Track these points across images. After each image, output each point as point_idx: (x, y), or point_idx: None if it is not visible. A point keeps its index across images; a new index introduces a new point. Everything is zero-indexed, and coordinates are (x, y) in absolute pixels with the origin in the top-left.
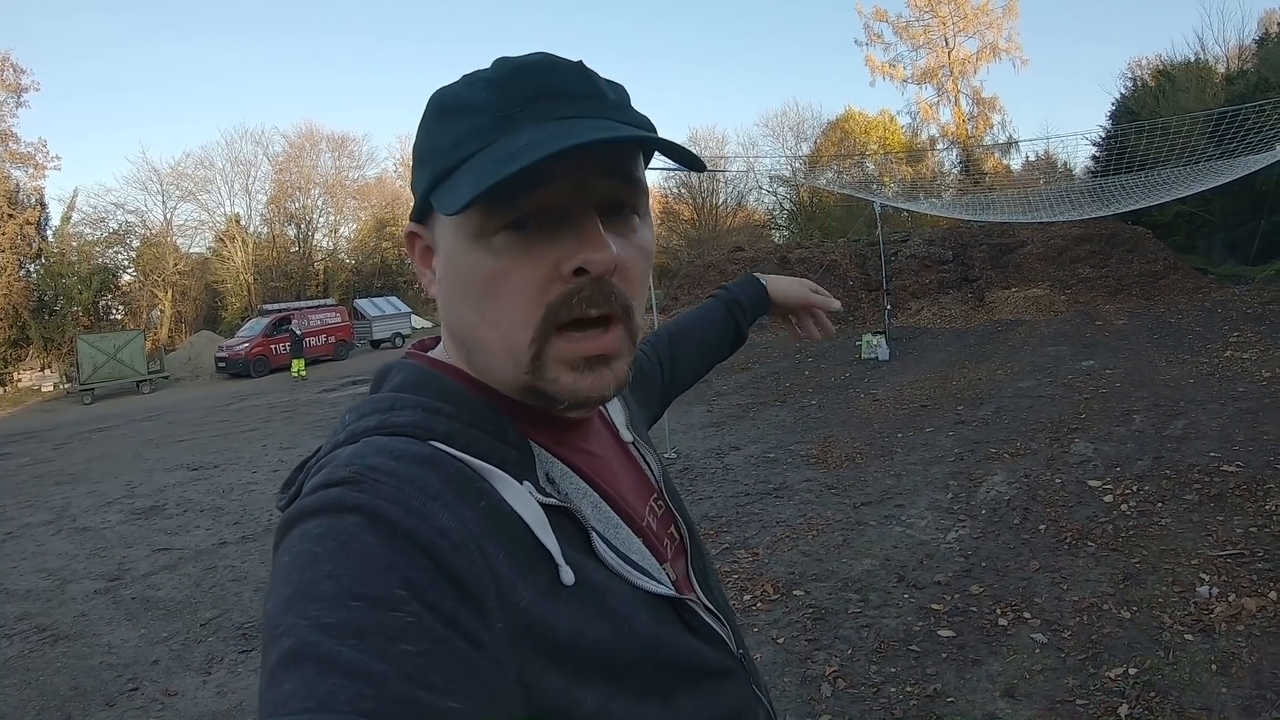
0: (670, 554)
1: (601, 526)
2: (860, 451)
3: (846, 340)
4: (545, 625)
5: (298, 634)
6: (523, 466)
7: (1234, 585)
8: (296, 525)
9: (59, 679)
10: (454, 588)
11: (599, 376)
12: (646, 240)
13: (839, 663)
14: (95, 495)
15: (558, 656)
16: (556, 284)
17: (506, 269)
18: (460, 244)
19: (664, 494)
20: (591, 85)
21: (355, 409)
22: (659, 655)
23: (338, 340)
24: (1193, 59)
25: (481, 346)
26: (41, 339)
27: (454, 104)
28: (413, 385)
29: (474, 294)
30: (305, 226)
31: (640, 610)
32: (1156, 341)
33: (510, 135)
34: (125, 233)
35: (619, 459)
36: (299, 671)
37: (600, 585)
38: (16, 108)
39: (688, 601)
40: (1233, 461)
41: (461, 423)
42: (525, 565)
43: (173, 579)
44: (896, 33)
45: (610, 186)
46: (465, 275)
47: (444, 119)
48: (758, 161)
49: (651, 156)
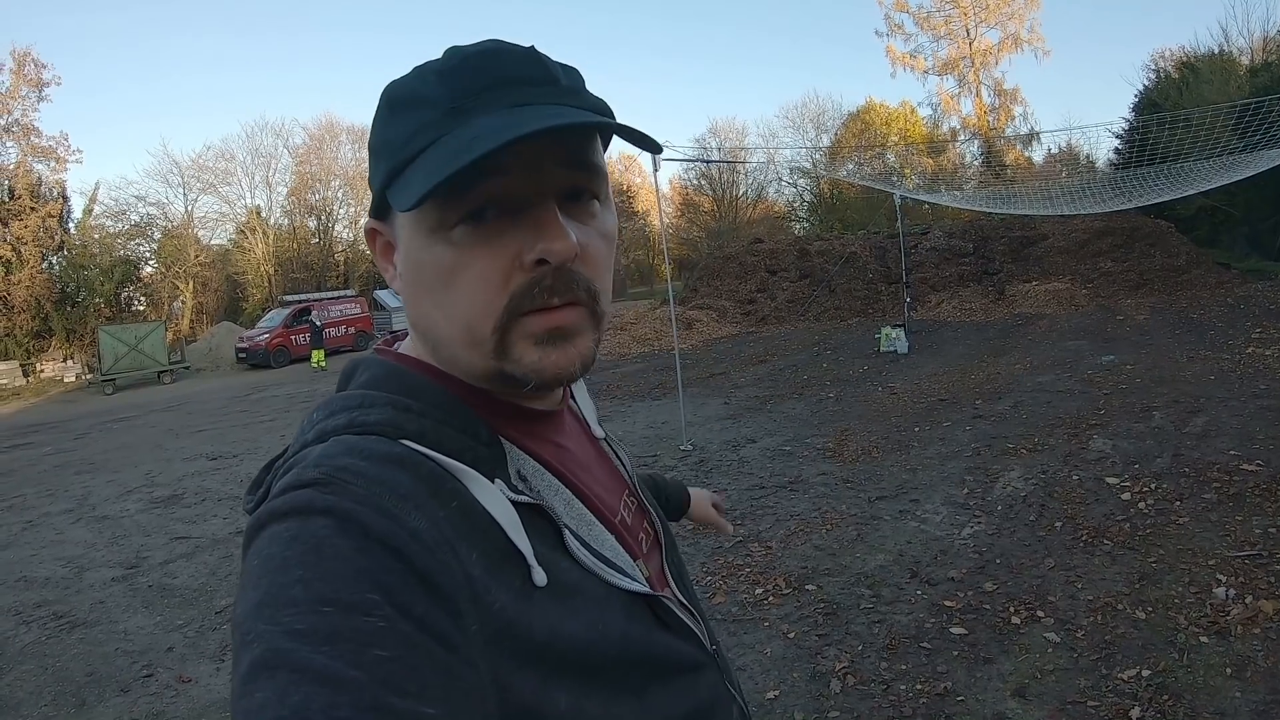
0: (645, 549)
1: (574, 524)
2: (877, 445)
3: (866, 333)
4: (520, 626)
5: (269, 640)
6: (494, 464)
7: (1251, 587)
8: (266, 528)
9: (75, 665)
10: (427, 591)
11: (563, 353)
12: (608, 225)
13: (849, 659)
14: (115, 484)
15: (532, 657)
16: (518, 274)
17: (466, 261)
18: (419, 239)
19: (636, 490)
20: (543, 70)
21: (323, 406)
22: (633, 653)
23: (357, 331)
24: (1216, 51)
25: (446, 339)
26: (64, 330)
27: (405, 97)
28: (382, 382)
29: (435, 287)
30: (325, 218)
31: (614, 608)
32: (1178, 337)
33: (462, 127)
34: (147, 225)
35: (591, 454)
36: (271, 680)
37: (574, 584)
38: (38, 102)
39: (662, 598)
40: (1253, 460)
41: (432, 420)
42: (498, 566)
43: (189, 567)
44: (917, 23)
45: (568, 174)
46: (425, 269)
47: (396, 113)
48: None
49: (610, 140)
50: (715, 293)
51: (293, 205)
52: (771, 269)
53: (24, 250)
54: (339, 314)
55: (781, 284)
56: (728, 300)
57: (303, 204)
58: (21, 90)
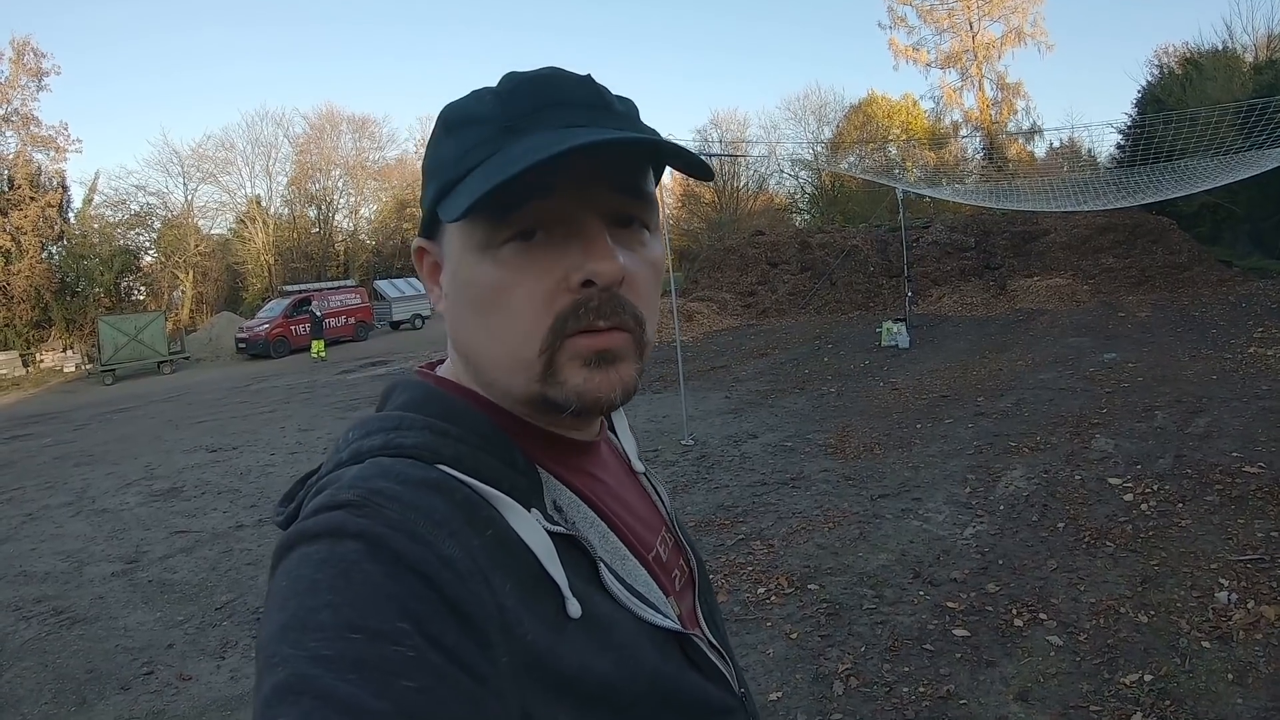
0: (678, 588)
1: (609, 557)
2: (878, 442)
3: (867, 326)
4: (550, 659)
5: (294, 665)
6: (530, 493)
7: (1253, 592)
8: (296, 548)
9: (75, 662)
10: (458, 620)
11: (606, 376)
12: (656, 255)
13: (852, 660)
14: (114, 477)
15: (562, 691)
16: (564, 295)
17: (514, 280)
18: (468, 256)
19: (673, 527)
20: (599, 96)
21: (359, 426)
22: (663, 691)
23: (358, 321)
24: (1220, 47)
25: (490, 361)
26: (63, 320)
27: (460, 117)
28: (420, 404)
29: (481, 306)
30: (326, 208)
31: (645, 645)
32: (1180, 335)
33: (514, 144)
34: (146, 214)
35: (629, 489)
36: (294, 705)
37: (606, 618)
38: (38, 91)
39: (693, 637)
40: (1255, 462)
41: (469, 446)
42: (531, 596)
43: (189, 562)
44: (920, 16)
45: (619, 199)
46: (472, 287)
47: (450, 132)
48: (779, 145)
49: (662, 172)
50: (716, 285)
51: (293, 194)
52: (773, 261)
53: (23, 240)
54: (339, 304)
55: (782, 276)
56: (728, 292)
57: (303, 193)
58: (21, 79)
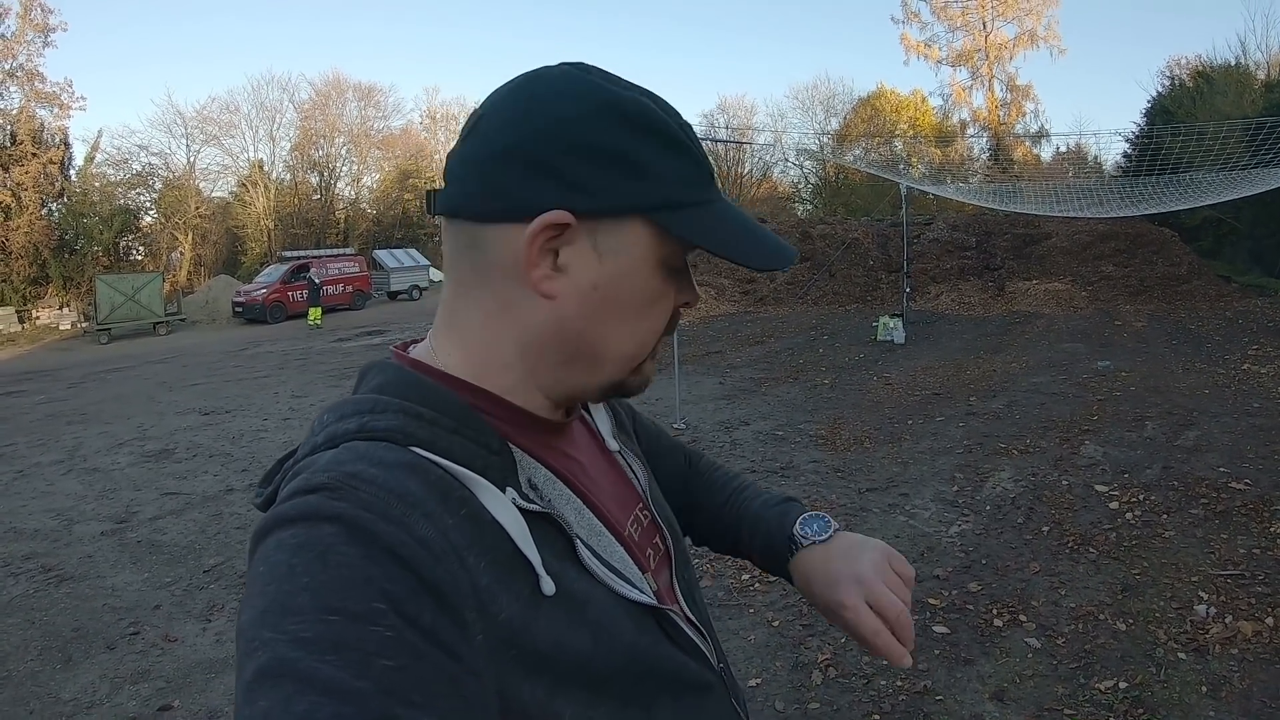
0: (653, 565)
1: (585, 533)
2: (869, 435)
3: (863, 320)
4: (526, 636)
5: (274, 649)
6: (505, 472)
7: (1232, 607)
8: (272, 533)
9: (61, 619)
10: (434, 600)
11: (653, 365)
12: None
13: (832, 650)
14: (107, 436)
15: (538, 668)
16: (672, 311)
17: (666, 295)
18: (647, 265)
19: (650, 504)
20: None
21: (335, 409)
22: (640, 666)
23: (355, 290)
24: (1233, 62)
25: (614, 354)
26: (61, 278)
27: (662, 129)
28: (394, 386)
29: (631, 310)
30: (328, 175)
31: (622, 619)
32: (1175, 347)
33: (721, 203)
34: (148, 174)
35: (602, 466)
36: (276, 688)
37: (582, 594)
38: (44, 47)
39: (669, 613)
40: (1241, 479)
41: (443, 428)
42: (506, 575)
43: (178, 524)
44: (934, 12)
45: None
46: (636, 293)
47: (640, 136)
48: (785, 134)
49: None
50: (714, 270)
51: (295, 160)
52: None
53: (24, 196)
54: (337, 272)
55: None
56: (726, 278)
57: (306, 159)
58: (27, 35)
